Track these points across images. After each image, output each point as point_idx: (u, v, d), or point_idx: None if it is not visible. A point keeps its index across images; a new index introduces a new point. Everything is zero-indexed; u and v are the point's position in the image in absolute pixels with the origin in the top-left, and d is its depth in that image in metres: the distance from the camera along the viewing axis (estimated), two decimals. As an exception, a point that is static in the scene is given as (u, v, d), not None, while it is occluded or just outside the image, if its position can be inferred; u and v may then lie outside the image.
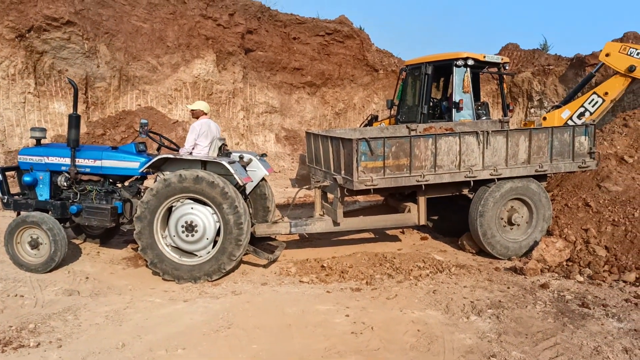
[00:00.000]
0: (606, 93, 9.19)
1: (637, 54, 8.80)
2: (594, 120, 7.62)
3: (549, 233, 7.22)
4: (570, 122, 9.59)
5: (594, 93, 9.39)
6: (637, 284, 5.87)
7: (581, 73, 18.75)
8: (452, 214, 8.29)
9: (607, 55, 9.38)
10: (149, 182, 7.42)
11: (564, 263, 6.68)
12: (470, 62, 9.90)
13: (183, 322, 5.09)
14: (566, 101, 10.15)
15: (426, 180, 6.87)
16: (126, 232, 7.50)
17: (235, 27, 17.28)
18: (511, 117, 9.94)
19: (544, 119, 10.25)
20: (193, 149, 7.17)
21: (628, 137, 8.55)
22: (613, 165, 7.98)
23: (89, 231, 7.77)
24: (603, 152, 8.20)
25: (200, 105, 7.46)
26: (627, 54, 8.93)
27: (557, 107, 10.26)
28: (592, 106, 9.31)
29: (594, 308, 5.26)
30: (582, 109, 9.43)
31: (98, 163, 6.96)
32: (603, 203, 7.28)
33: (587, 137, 7.42)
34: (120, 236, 8.08)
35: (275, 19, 18.62)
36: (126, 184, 7.30)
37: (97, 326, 5.01)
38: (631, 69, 8.75)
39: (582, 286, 5.97)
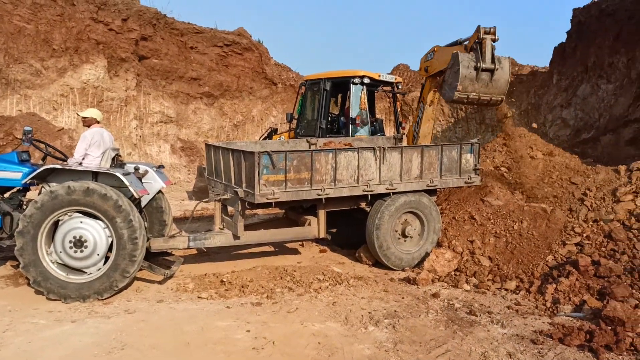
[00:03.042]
0: (424, 97, 10.05)
1: (430, 56, 9.70)
2: (478, 139, 8.21)
3: (439, 245, 7.63)
4: (414, 132, 10.28)
5: (420, 101, 10.24)
6: (517, 291, 6.38)
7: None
8: (349, 227, 8.51)
9: (419, 69, 10.26)
10: (32, 194, 6.87)
11: (453, 273, 7.10)
12: (366, 80, 10.30)
13: (71, 345, 4.74)
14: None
15: (327, 194, 7.00)
16: (4, 248, 6.86)
17: (129, 33, 16.60)
18: (404, 134, 10.43)
19: (404, 134, 10.91)
20: (83, 159, 6.76)
21: (507, 155, 9.32)
22: (494, 181, 8.65)
23: (-40, 247, 7.03)
24: (486, 168, 8.86)
25: (93, 112, 7.06)
26: (425, 60, 9.81)
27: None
28: (420, 113, 10.13)
29: (480, 315, 5.64)
30: (418, 118, 10.22)
31: (-26, 173, 6.34)
32: (486, 216, 7.85)
33: (472, 154, 7.99)
34: (-4, 253, 7.38)
35: (172, 27, 18.14)
36: (6, 195, 6.70)
37: (-30, 353, 4.53)
38: (426, 69, 9.66)
39: (469, 295, 6.38)
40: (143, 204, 7.15)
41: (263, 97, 20.56)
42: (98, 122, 7.02)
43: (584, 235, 7.14)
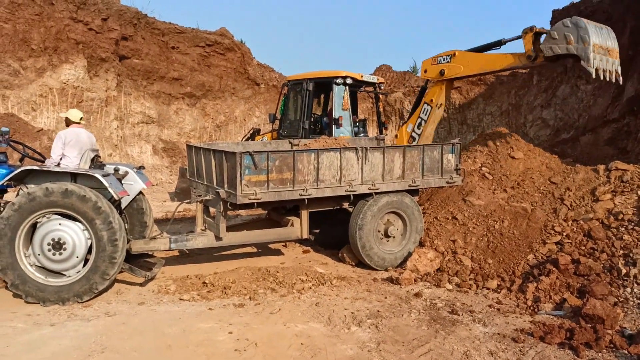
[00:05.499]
0: (431, 100, 10.10)
1: (444, 59, 9.83)
2: (459, 139, 8.28)
3: (421, 244, 7.66)
4: (413, 134, 10.34)
5: (424, 103, 10.29)
6: (499, 290, 6.43)
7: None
8: (332, 227, 8.51)
9: (425, 71, 10.34)
10: (10, 196, 6.75)
11: (435, 272, 7.13)
12: (349, 81, 10.29)
13: (50, 349, 4.66)
14: (409, 117, 10.95)
15: (309, 194, 6.98)
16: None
17: (109, 33, 16.42)
18: (386, 135, 10.45)
19: (396, 136, 10.94)
20: (61, 159, 6.66)
21: (488, 155, 9.39)
22: (476, 181, 8.71)
23: None
24: (467, 168, 8.91)
25: (70, 113, 6.97)
26: (437, 64, 9.93)
27: (405, 122, 11.03)
28: (425, 115, 10.18)
29: (462, 314, 5.67)
30: (419, 120, 10.27)
31: (-52, 174, 6.20)
32: (468, 216, 7.90)
33: (453, 154, 8.04)
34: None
35: (153, 27, 17.99)
36: (-18, 198, 6.57)
37: (-55, 359, 4.43)
38: (441, 72, 9.77)
39: (451, 294, 6.41)
40: (123, 205, 7.07)
41: (246, 97, 20.48)
42: (77, 123, 6.92)
43: (564, 234, 7.22)
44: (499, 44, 9.11)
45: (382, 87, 11.36)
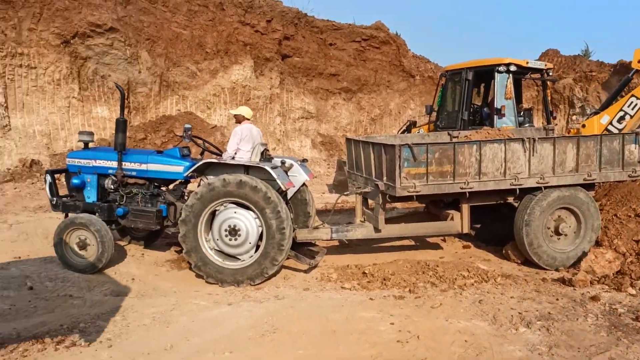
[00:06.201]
0: None
1: None
2: (640, 126, 7.41)
3: (598, 244, 7.01)
4: (610, 127, 9.33)
5: (633, 96, 9.13)
6: (694, 298, 5.64)
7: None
8: (495, 222, 8.13)
9: (639, 61, 9.12)
10: (192, 186, 7.51)
11: (614, 275, 6.47)
12: (512, 68, 9.73)
13: (228, 326, 5.11)
14: (604, 107, 9.88)
15: (470, 188, 6.76)
16: (169, 235, 7.60)
17: (273, 34, 17.44)
18: (555, 124, 9.69)
19: (583, 126, 10.00)
20: (235, 153, 7.23)
21: (680, 146, 8.24)
22: (665, 175, 7.70)
23: (134, 233, 7.91)
24: (654, 161, 7.92)
25: (242, 110, 7.53)
26: None
27: (596, 113, 10.00)
28: (632, 109, 9.07)
29: (649, 323, 5.07)
30: (621, 113, 9.18)
31: (144, 167, 7.08)
32: (655, 214, 7.03)
33: (637, 145, 7.20)
34: (163, 238, 8.20)
35: (312, 25, 18.72)
36: (171, 187, 7.41)
37: (145, 327, 5.07)
38: None
39: (634, 299, 5.76)
40: (289, 196, 7.47)
41: (400, 90, 20.41)
42: (248, 119, 7.46)
43: None
44: None
45: (550, 74, 10.57)
